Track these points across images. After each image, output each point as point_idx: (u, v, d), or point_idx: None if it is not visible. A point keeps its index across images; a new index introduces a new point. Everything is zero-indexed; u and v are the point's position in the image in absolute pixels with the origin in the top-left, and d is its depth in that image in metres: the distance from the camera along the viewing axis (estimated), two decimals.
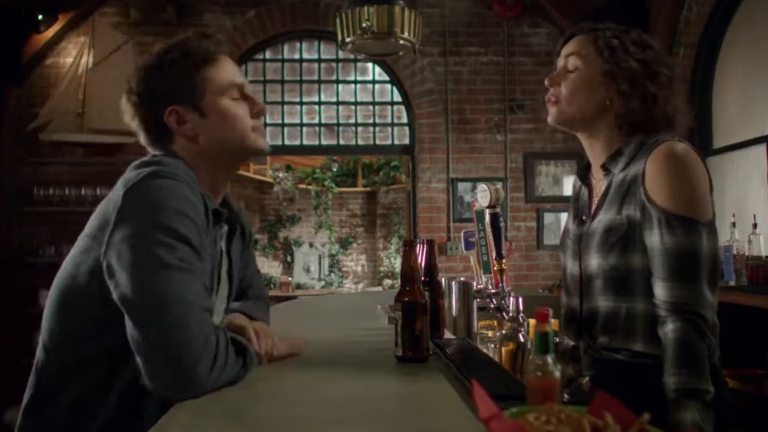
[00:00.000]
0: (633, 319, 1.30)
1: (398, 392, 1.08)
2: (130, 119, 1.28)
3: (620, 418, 0.62)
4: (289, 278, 7.78)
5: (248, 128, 1.28)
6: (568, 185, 5.33)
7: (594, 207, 1.42)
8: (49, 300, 1.20)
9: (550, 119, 1.43)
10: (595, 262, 1.36)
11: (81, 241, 1.18)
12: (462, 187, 5.22)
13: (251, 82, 5.30)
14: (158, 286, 1.00)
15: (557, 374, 0.73)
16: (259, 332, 1.24)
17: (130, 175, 1.16)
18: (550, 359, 0.73)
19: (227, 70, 1.27)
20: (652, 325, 1.26)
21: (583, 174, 1.51)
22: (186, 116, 1.24)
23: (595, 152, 1.44)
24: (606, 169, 1.40)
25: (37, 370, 1.18)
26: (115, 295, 1.03)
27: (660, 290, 1.25)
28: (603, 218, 1.36)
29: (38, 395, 1.16)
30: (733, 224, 3.46)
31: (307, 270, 8.62)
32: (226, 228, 1.32)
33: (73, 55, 4.96)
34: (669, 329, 1.22)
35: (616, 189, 1.36)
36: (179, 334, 0.97)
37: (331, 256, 8.72)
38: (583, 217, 1.46)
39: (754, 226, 3.41)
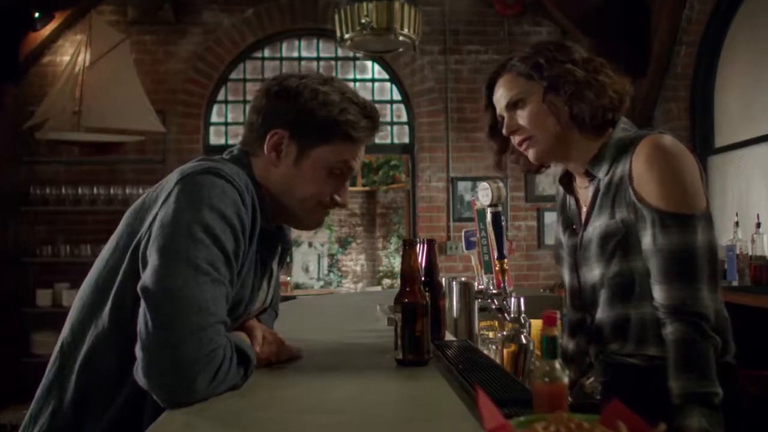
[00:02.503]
0: (644, 325, 1.26)
1: (399, 397, 1.05)
2: (252, 104, 1.25)
3: (634, 428, 0.58)
4: (288, 278, 7.74)
5: (315, 204, 1.24)
6: None
7: (584, 215, 1.38)
8: (87, 278, 1.18)
9: (533, 159, 1.40)
10: (597, 272, 1.32)
11: (126, 219, 1.16)
12: (462, 186, 5.19)
13: (250, 80, 5.29)
14: (181, 287, 0.96)
15: (565, 380, 0.70)
16: (267, 338, 1.21)
17: (188, 165, 1.13)
18: (557, 364, 0.70)
19: (353, 152, 1.23)
20: None
21: (566, 183, 1.47)
22: (285, 148, 1.20)
23: (574, 162, 1.40)
24: (590, 174, 1.36)
25: (62, 351, 1.15)
26: (140, 281, 1.00)
27: (657, 293, 1.22)
28: (597, 225, 1.32)
29: (58, 375, 1.13)
30: (736, 224, 3.43)
31: (306, 270, 8.59)
32: (280, 249, 1.31)
33: (70, 54, 4.91)
34: (669, 332, 1.19)
35: (604, 193, 1.32)
36: (189, 343, 0.93)
37: (330, 255, 8.70)
38: (574, 227, 1.42)
39: (758, 225, 3.38)
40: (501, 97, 1.40)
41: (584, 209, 1.39)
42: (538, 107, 1.34)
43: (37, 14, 4.82)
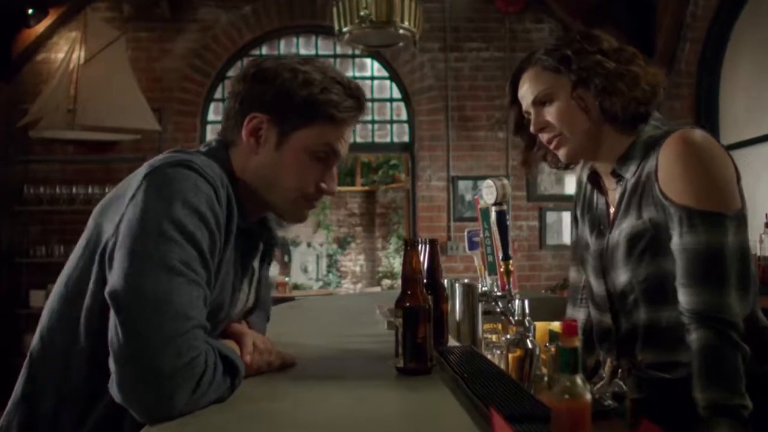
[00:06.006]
0: (675, 328, 1.19)
1: (399, 410, 0.97)
2: (229, 91, 1.18)
3: None
4: (287, 278, 7.67)
5: (300, 194, 1.15)
6: (571, 184, 5.24)
7: (612, 217, 1.32)
8: (57, 281, 1.10)
9: (564, 158, 1.33)
10: (624, 277, 1.25)
11: (93, 217, 1.08)
12: (463, 185, 5.12)
13: None
14: (154, 290, 0.88)
15: (588, 396, 0.62)
16: (258, 345, 1.13)
17: (157, 158, 1.04)
18: (579, 379, 0.62)
19: (337, 135, 1.15)
20: None
21: (595, 180, 1.39)
22: (264, 133, 1.12)
23: (604, 161, 1.33)
24: (617, 175, 1.29)
25: (31, 362, 1.07)
26: (107, 286, 0.92)
27: (683, 296, 1.14)
28: (624, 227, 1.25)
29: (28, 387, 1.06)
30: None
31: (305, 270, 8.51)
32: (262, 247, 1.23)
33: (65, 51, 4.86)
34: (693, 339, 1.11)
35: (631, 193, 1.25)
36: (166, 352, 0.85)
37: (329, 256, 8.63)
38: (602, 228, 1.35)
39: (766, 225, 3.30)
40: (527, 92, 1.32)
41: (612, 210, 1.32)
42: (567, 103, 1.27)
43: (31, 11, 4.78)
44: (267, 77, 1.12)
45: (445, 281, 1.46)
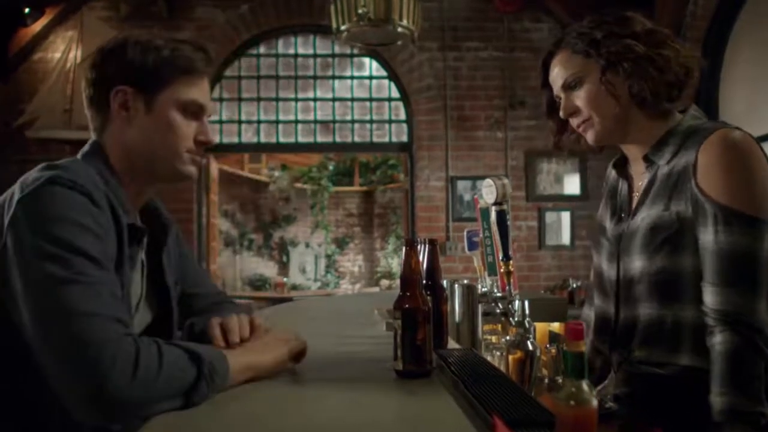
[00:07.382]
0: (680, 329, 1.16)
1: (397, 414, 0.94)
2: (84, 83, 1.20)
3: None
4: (285, 279, 7.65)
5: (182, 150, 1.18)
6: (570, 183, 5.22)
7: (635, 203, 1.29)
8: None
9: (592, 142, 1.30)
10: (638, 264, 1.22)
11: None
12: (461, 185, 5.10)
13: (245, 78, 5.20)
14: (52, 307, 0.89)
15: (594, 403, 0.60)
16: (224, 327, 1.11)
17: (29, 177, 1.04)
18: (585, 385, 0.60)
19: (199, 88, 1.20)
20: (703, 336, 1.12)
21: (621, 166, 1.37)
22: (132, 104, 1.15)
23: (633, 146, 1.30)
24: (649, 160, 1.25)
25: None
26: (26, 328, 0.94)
27: (709, 296, 1.11)
28: (647, 215, 1.22)
29: None
30: None
31: (303, 270, 8.50)
32: (145, 240, 1.22)
33: (61, 50, 4.84)
34: (717, 341, 1.08)
35: (662, 182, 1.21)
36: (82, 349, 0.86)
37: (328, 256, 8.62)
38: (622, 215, 1.32)
39: None
40: (557, 77, 1.31)
41: (636, 195, 1.30)
42: (596, 88, 1.25)
43: (27, 10, 4.74)
44: (116, 53, 1.16)
45: (445, 282, 1.44)
